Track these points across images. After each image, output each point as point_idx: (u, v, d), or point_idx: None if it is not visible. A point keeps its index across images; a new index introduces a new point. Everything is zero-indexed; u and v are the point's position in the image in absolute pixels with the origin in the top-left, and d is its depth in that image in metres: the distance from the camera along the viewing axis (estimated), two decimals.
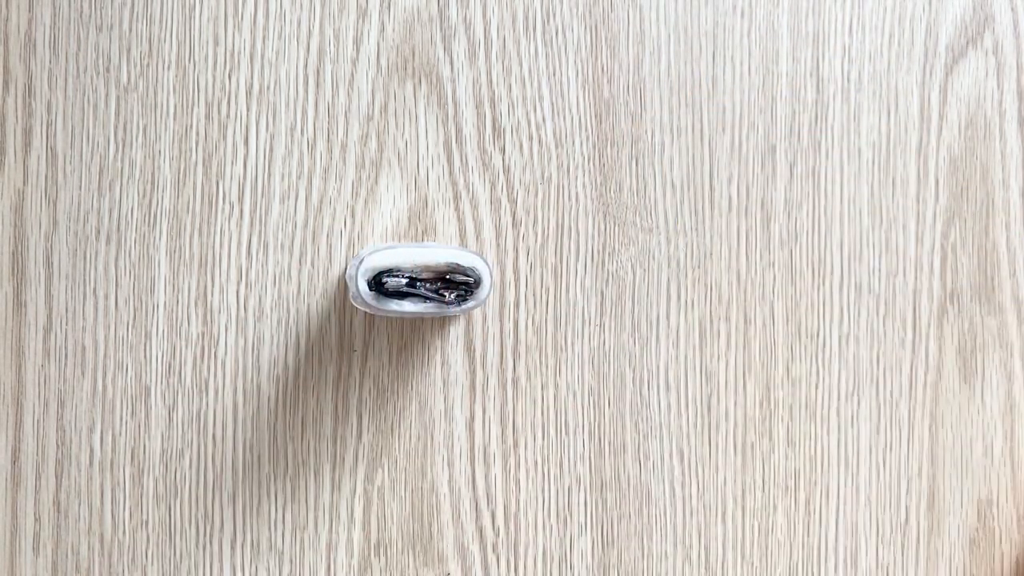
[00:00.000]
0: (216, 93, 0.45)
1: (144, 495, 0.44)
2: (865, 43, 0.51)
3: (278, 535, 0.45)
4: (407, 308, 0.42)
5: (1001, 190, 0.52)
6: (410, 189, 0.46)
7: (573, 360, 0.48)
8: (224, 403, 0.45)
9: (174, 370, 0.44)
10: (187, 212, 0.44)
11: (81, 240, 0.44)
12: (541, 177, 0.47)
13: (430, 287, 0.42)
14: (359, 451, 0.46)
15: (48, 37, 0.43)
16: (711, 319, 0.49)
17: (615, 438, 0.47)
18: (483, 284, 0.43)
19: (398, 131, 0.46)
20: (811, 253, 0.50)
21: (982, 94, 0.52)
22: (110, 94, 0.44)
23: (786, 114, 0.50)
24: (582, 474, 0.47)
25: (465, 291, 0.43)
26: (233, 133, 0.45)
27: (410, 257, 0.42)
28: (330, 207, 0.45)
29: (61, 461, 0.43)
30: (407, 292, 0.42)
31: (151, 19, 0.44)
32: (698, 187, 0.49)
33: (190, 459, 0.44)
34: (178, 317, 0.44)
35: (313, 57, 0.45)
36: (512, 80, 0.47)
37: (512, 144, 0.47)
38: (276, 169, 0.45)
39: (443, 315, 0.44)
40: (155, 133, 0.44)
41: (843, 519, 0.48)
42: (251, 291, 0.45)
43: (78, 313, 0.43)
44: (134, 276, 0.44)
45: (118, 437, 0.44)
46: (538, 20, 0.47)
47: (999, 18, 0.52)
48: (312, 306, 0.45)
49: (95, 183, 0.44)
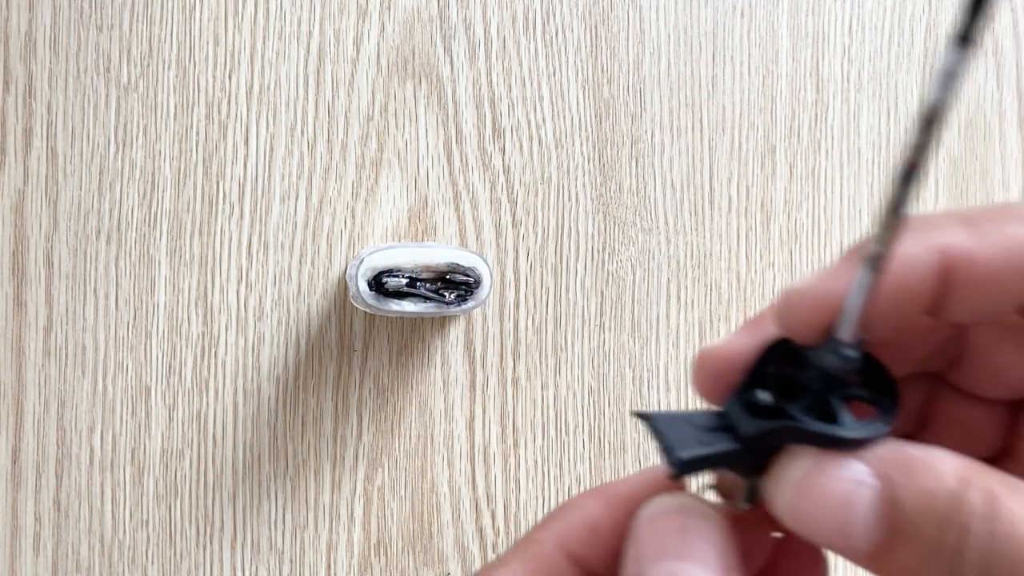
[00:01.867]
0: (216, 93, 0.45)
1: (144, 495, 0.44)
2: (865, 43, 0.51)
3: (278, 535, 0.45)
4: (407, 308, 0.42)
5: (1001, 191, 0.52)
6: (410, 189, 0.46)
7: (573, 360, 0.48)
8: (224, 403, 0.45)
9: (174, 370, 0.44)
10: (187, 212, 0.44)
11: (81, 240, 0.44)
12: (541, 177, 0.47)
13: (430, 287, 0.42)
14: (359, 451, 0.46)
15: (48, 37, 0.43)
16: (711, 319, 0.49)
17: (615, 438, 0.47)
18: (483, 284, 0.43)
19: (398, 131, 0.46)
20: (811, 253, 0.50)
21: (982, 95, 0.52)
22: (110, 94, 0.44)
23: (786, 114, 0.50)
24: (582, 474, 0.47)
25: (465, 291, 0.43)
26: (233, 133, 0.45)
27: (410, 257, 0.42)
28: (330, 207, 0.45)
29: (61, 461, 0.43)
30: (407, 292, 0.42)
31: (151, 19, 0.44)
32: (698, 187, 0.49)
33: (190, 459, 0.44)
34: (178, 317, 0.44)
35: (313, 57, 0.45)
36: (512, 80, 0.47)
37: (512, 144, 0.47)
38: (276, 169, 0.45)
39: (443, 315, 0.44)
40: (155, 133, 0.44)
41: None
42: (251, 291, 0.45)
43: (78, 313, 0.43)
44: (134, 276, 0.44)
45: (118, 437, 0.44)
46: (538, 20, 0.47)
47: (999, 18, 0.52)
48: (312, 306, 0.45)
49: (95, 183, 0.44)
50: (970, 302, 0.22)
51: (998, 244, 0.21)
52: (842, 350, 0.22)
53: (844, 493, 0.20)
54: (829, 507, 0.21)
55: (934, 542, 0.20)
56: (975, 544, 0.19)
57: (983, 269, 0.21)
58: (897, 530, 0.20)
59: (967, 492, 0.20)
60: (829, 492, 0.21)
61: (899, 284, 0.21)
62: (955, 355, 0.24)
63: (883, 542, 0.20)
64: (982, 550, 0.19)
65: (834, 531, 0.21)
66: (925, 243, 0.21)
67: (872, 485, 0.20)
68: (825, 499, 0.21)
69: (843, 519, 0.20)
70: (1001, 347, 0.23)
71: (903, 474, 0.20)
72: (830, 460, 0.21)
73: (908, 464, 0.20)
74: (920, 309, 0.22)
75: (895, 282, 0.21)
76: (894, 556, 0.20)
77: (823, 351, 0.22)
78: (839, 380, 0.22)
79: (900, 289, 0.21)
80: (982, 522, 0.19)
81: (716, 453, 0.22)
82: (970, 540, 0.19)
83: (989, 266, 0.21)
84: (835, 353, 0.22)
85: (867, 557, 0.21)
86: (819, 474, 0.21)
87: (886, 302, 0.22)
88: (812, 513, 0.21)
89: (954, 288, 0.21)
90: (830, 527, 0.21)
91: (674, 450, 0.21)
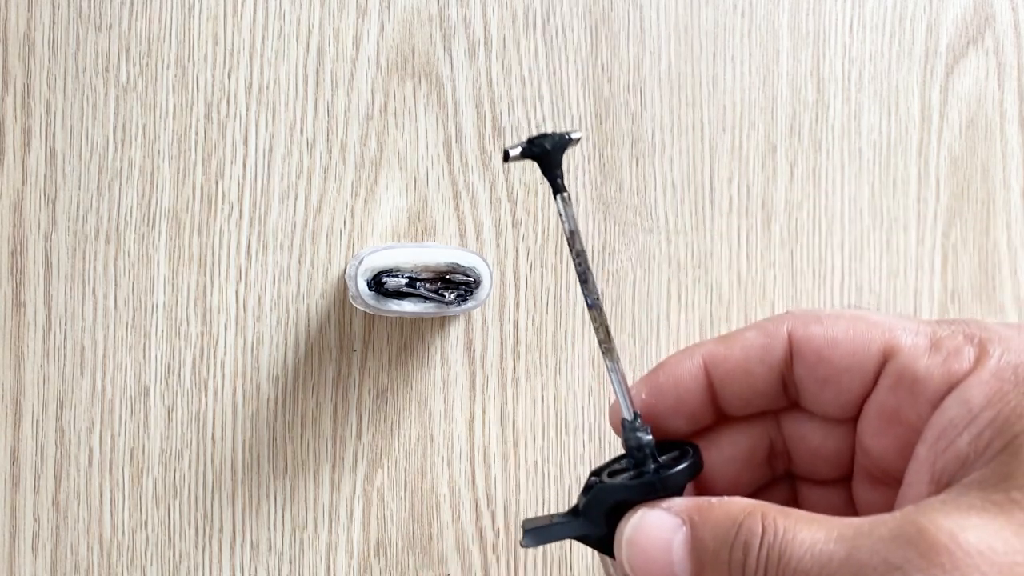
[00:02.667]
0: (215, 93, 0.44)
1: (143, 495, 0.44)
2: (866, 43, 0.51)
3: (278, 535, 0.45)
4: (407, 308, 0.42)
5: (1002, 190, 0.52)
6: (410, 189, 0.46)
7: (573, 360, 0.48)
8: (223, 403, 0.44)
9: (173, 370, 0.44)
10: (186, 212, 0.44)
11: (80, 240, 0.43)
12: (541, 177, 0.47)
13: (430, 287, 0.42)
14: (359, 451, 0.46)
15: (47, 36, 0.43)
16: (711, 319, 0.49)
17: (615, 439, 0.47)
18: (483, 284, 0.43)
19: (398, 131, 0.46)
20: (812, 253, 0.50)
21: (983, 94, 0.52)
22: (109, 93, 0.44)
23: (787, 114, 0.50)
24: (582, 474, 0.47)
25: (465, 291, 0.43)
26: (232, 133, 0.45)
27: (410, 257, 0.42)
28: (329, 207, 0.45)
29: (60, 461, 0.43)
30: (407, 292, 0.42)
31: (150, 18, 0.44)
32: (698, 187, 0.49)
33: (189, 459, 0.44)
34: (177, 317, 0.44)
35: (313, 56, 0.45)
36: (512, 79, 0.47)
37: (512, 143, 0.47)
38: (275, 169, 0.45)
39: (443, 315, 0.44)
40: (154, 133, 0.44)
41: None
42: (250, 291, 0.45)
43: (77, 313, 0.43)
44: (133, 276, 0.44)
45: (117, 437, 0.44)
46: (538, 19, 0.47)
47: (1000, 18, 0.52)
48: (311, 306, 0.45)
49: (94, 183, 0.44)
50: (732, 389, 0.31)
51: (738, 346, 0.30)
52: (631, 425, 0.29)
53: (663, 540, 0.27)
54: (654, 552, 0.27)
55: (727, 563, 0.25)
56: (756, 557, 0.25)
57: (732, 364, 0.30)
58: (703, 560, 0.26)
59: (747, 519, 0.25)
60: (653, 541, 0.27)
61: (678, 383, 0.31)
62: (795, 391, 0.31)
63: (696, 572, 0.26)
64: (762, 560, 0.25)
65: (662, 571, 0.27)
66: (691, 353, 0.31)
67: (682, 529, 0.27)
68: (650, 547, 0.27)
69: (667, 561, 0.26)
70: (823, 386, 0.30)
71: (701, 515, 0.27)
72: (649, 517, 0.27)
73: (706, 508, 0.27)
74: (698, 400, 0.31)
75: (673, 383, 0.31)
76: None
77: (624, 433, 0.30)
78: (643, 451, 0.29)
79: (679, 387, 0.31)
80: (759, 539, 0.25)
81: (554, 528, 0.29)
82: (751, 555, 0.25)
83: (733, 360, 0.30)
84: (629, 430, 0.29)
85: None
86: (643, 529, 0.27)
87: (672, 399, 0.31)
88: (643, 560, 0.27)
89: (717, 380, 0.30)
90: (658, 568, 0.27)
91: (523, 529, 0.29)
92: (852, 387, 0.29)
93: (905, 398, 0.28)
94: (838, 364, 0.29)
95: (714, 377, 0.31)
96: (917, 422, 0.28)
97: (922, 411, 0.28)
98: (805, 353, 0.30)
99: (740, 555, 0.25)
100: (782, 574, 0.24)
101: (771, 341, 0.30)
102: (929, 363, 0.28)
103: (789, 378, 0.30)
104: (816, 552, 0.24)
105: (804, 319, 0.30)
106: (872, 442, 0.30)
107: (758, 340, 0.30)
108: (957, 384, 0.27)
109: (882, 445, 0.29)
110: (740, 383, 0.30)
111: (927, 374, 0.27)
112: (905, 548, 0.23)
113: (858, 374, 0.29)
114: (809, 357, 0.29)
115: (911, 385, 0.28)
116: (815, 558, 0.24)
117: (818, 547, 0.24)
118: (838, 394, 0.30)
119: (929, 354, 0.28)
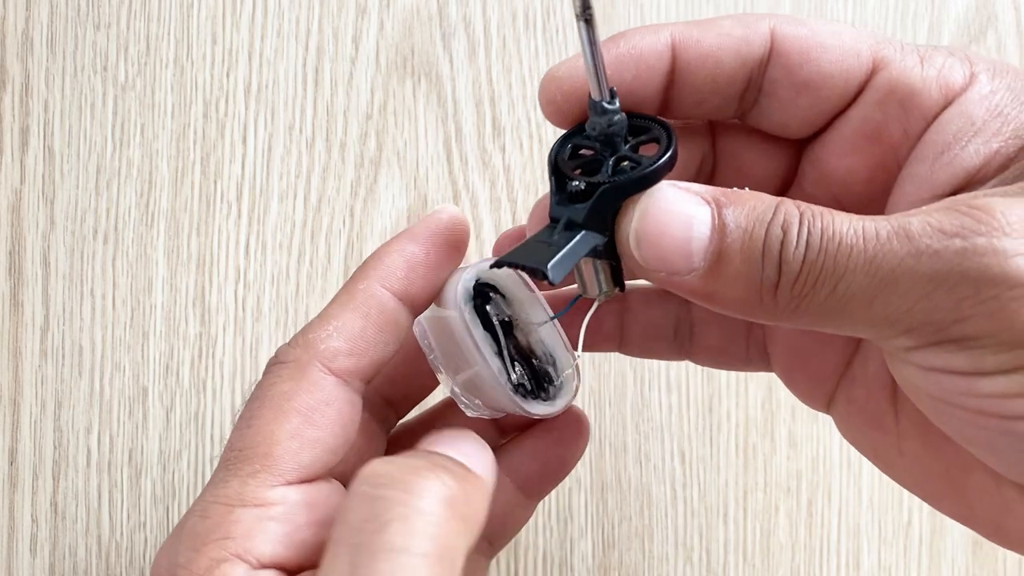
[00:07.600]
0: (214, 92, 0.44)
1: (142, 496, 0.44)
2: None
3: None
4: (479, 341, 0.30)
5: None
6: (409, 188, 0.46)
7: None
8: (222, 404, 0.44)
9: (172, 370, 0.44)
10: (185, 211, 0.44)
11: (79, 240, 0.43)
12: (541, 177, 0.47)
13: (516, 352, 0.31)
14: None
15: (45, 35, 0.43)
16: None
17: (616, 439, 0.47)
18: (558, 400, 0.32)
19: (397, 130, 0.46)
20: None
21: None
22: (108, 93, 0.44)
23: None
24: (582, 475, 0.47)
25: (538, 391, 0.32)
26: (231, 132, 0.44)
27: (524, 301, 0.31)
28: (329, 206, 0.45)
29: (58, 462, 0.43)
30: (495, 333, 0.30)
31: (149, 17, 0.44)
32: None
33: (188, 460, 0.44)
34: (176, 317, 0.44)
35: (312, 55, 0.45)
36: (512, 78, 0.47)
37: (512, 143, 0.47)
38: (274, 168, 0.45)
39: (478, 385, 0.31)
40: (153, 132, 0.44)
41: (845, 520, 0.48)
42: (249, 291, 0.44)
43: (75, 313, 0.43)
44: (132, 276, 0.44)
45: (115, 438, 0.43)
46: (538, 18, 0.47)
47: (1002, 17, 0.52)
48: (311, 306, 0.45)
49: (92, 182, 0.43)
50: (694, 78, 0.27)
51: (713, 32, 0.27)
52: (601, 106, 0.25)
53: (684, 216, 0.24)
54: (671, 228, 0.24)
55: (761, 243, 0.23)
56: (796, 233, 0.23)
57: (703, 49, 0.27)
58: (730, 241, 0.23)
59: (783, 203, 0.23)
60: (673, 216, 0.24)
61: (639, 59, 0.27)
62: (752, 101, 0.28)
63: (716, 251, 0.23)
64: (803, 237, 0.23)
65: (677, 248, 0.24)
66: (658, 30, 0.27)
67: (706, 207, 0.24)
68: (669, 222, 0.24)
69: (685, 237, 0.24)
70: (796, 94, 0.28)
71: (728, 197, 0.24)
72: (669, 192, 0.24)
73: (732, 193, 0.24)
74: (655, 84, 0.27)
75: (635, 57, 0.27)
76: (723, 268, 0.23)
77: (591, 118, 0.26)
78: (617, 134, 0.26)
79: (640, 63, 0.27)
80: (799, 219, 0.23)
81: (571, 247, 0.25)
82: (791, 231, 0.23)
83: (705, 45, 0.27)
84: (598, 112, 0.26)
85: (702, 276, 0.24)
86: (661, 202, 0.24)
87: (629, 75, 0.27)
88: (657, 235, 0.24)
89: (682, 65, 0.27)
90: (673, 244, 0.24)
91: (541, 266, 0.24)
92: (831, 96, 0.27)
93: (895, 112, 0.26)
94: (824, 69, 0.27)
95: (680, 61, 0.27)
96: (902, 139, 0.27)
97: (912, 127, 0.26)
98: (789, 52, 0.27)
99: (778, 232, 0.23)
100: (826, 249, 0.22)
101: (750, 34, 0.27)
102: (925, 75, 0.26)
103: (756, 81, 0.28)
104: (864, 226, 0.22)
105: (786, 19, 0.27)
106: (839, 162, 0.28)
107: (736, 30, 0.27)
108: (954, 99, 0.26)
109: (851, 165, 0.28)
110: (705, 73, 0.27)
111: (923, 87, 0.26)
112: (960, 217, 0.22)
113: (841, 81, 0.27)
114: (793, 57, 0.27)
115: (905, 99, 0.26)
116: (863, 231, 0.22)
117: (864, 223, 0.22)
118: (813, 103, 0.27)
119: (923, 68, 0.26)
